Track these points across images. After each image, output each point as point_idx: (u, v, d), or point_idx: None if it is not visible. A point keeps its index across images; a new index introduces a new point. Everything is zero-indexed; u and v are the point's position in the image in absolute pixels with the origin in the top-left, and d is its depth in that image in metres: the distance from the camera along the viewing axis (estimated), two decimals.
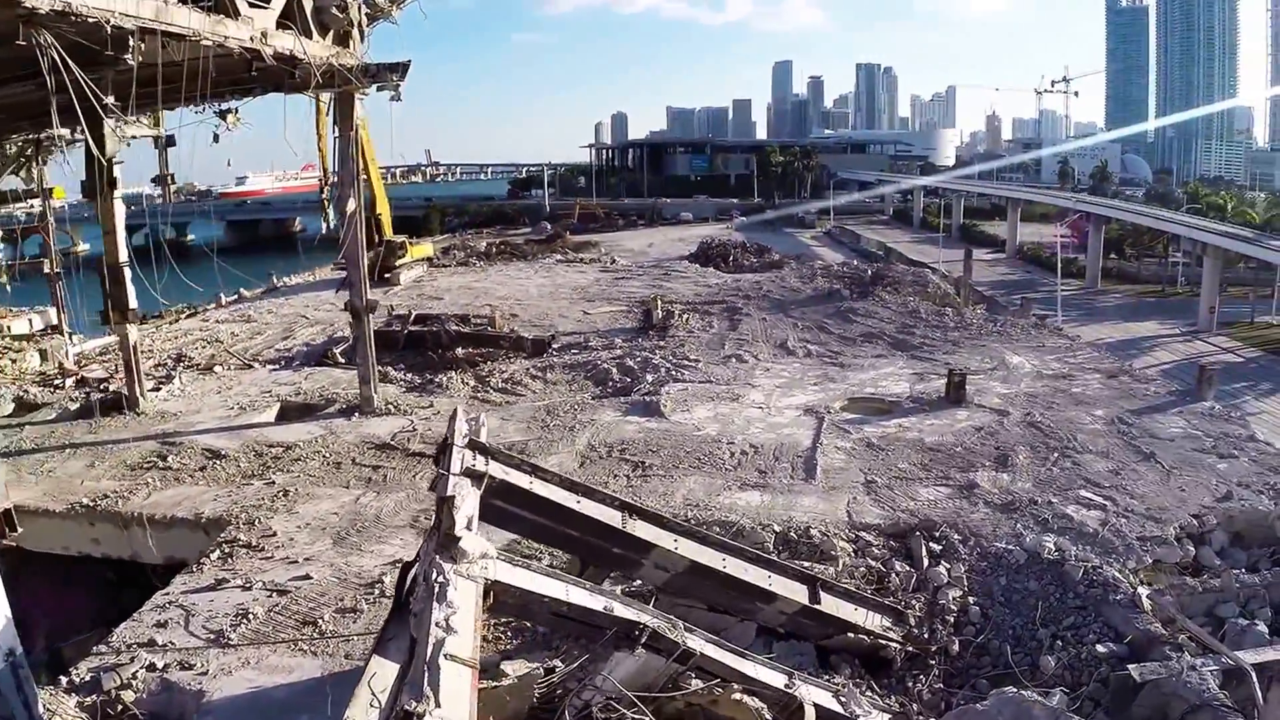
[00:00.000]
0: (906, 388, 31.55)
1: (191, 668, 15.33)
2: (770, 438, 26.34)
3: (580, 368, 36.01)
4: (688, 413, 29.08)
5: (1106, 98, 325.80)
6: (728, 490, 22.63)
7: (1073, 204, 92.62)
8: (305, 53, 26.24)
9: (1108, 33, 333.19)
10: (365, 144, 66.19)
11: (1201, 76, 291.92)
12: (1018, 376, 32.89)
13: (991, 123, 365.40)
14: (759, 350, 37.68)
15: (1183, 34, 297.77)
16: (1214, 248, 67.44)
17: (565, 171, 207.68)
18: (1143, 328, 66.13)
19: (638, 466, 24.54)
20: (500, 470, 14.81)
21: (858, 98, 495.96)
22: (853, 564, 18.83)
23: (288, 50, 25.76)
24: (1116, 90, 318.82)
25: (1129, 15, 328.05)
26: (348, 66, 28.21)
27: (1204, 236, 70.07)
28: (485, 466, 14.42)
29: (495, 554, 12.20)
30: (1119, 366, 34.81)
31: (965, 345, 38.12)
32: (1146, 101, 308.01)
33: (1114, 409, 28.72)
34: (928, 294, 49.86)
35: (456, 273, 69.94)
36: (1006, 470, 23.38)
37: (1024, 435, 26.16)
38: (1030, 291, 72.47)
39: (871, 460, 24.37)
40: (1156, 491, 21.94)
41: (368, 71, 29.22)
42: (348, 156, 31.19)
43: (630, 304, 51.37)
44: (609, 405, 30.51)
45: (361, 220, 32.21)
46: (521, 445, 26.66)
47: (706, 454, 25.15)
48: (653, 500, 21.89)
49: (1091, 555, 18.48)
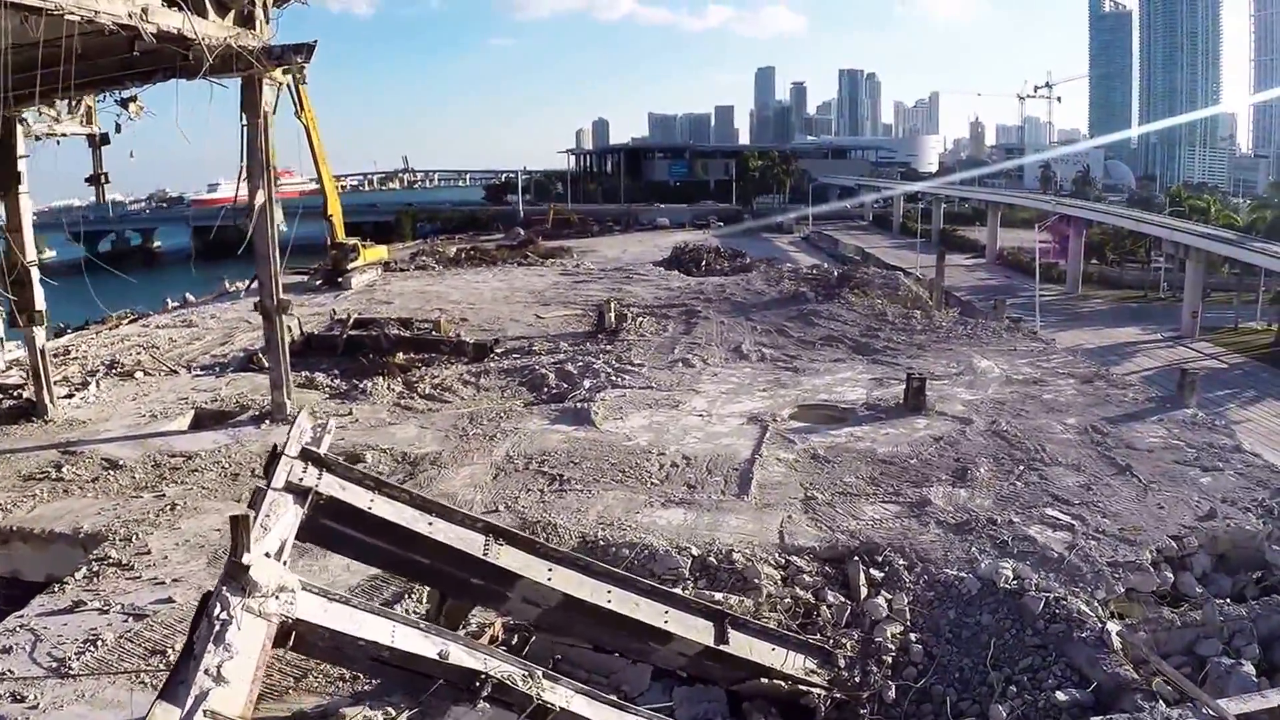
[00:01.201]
0: (863, 394, 29.06)
1: (24, 700, 13.48)
2: (706, 448, 23.80)
3: (517, 373, 33.54)
4: (620, 421, 26.56)
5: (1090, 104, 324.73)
6: (649, 507, 20.10)
7: (1053, 207, 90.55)
8: (195, 32, 23.76)
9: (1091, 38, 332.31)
10: (316, 143, 64.16)
11: (1185, 82, 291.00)
12: (985, 382, 30.45)
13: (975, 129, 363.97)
14: (710, 354, 35.20)
15: (1166, 40, 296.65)
16: (1196, 251, 65.38)
17: (542, 177, 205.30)
18: (1124, 333, 63.98)
19: (555, 480, 22.08)
20: (334, 485, 12.57)
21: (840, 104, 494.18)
22: (778, 594, 16.28)
23: (174, 29, 23.29)
24: (1100, 96, 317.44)
25: (1112, 21, 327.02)
26: (248, 48, 25.81)
27: (1186, 239, 68.02)
28: (316, 480, 12.13)
29: (299, 585, 9.81)
30: (1095, 371, 32.41)
31: (931, 349, 35.68)
32: (1130, 107, 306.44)
33: (1088, 417, 26.29)
34: (898, 297, 47.46)
35: (412, 277, 67.42)
36: (964, 485, 20.88)
37: (987, 446, 23.68)
38: (1009, 297, 70.23)
39: (814, 474, 21.83)
40: (1132, 509, 19.45)
41: (271, 54, 26.83)
42: (255, 147, 28.56)
43: (586, 308, 48.96)
44: (538, 413, 28.06)
45: (271, 215, 29.67)
46: (435, 456, 24.51)
47: (633, 466, 22.64)
48: (564, 518, 19.45)
49: (1055, 584, 15.99)
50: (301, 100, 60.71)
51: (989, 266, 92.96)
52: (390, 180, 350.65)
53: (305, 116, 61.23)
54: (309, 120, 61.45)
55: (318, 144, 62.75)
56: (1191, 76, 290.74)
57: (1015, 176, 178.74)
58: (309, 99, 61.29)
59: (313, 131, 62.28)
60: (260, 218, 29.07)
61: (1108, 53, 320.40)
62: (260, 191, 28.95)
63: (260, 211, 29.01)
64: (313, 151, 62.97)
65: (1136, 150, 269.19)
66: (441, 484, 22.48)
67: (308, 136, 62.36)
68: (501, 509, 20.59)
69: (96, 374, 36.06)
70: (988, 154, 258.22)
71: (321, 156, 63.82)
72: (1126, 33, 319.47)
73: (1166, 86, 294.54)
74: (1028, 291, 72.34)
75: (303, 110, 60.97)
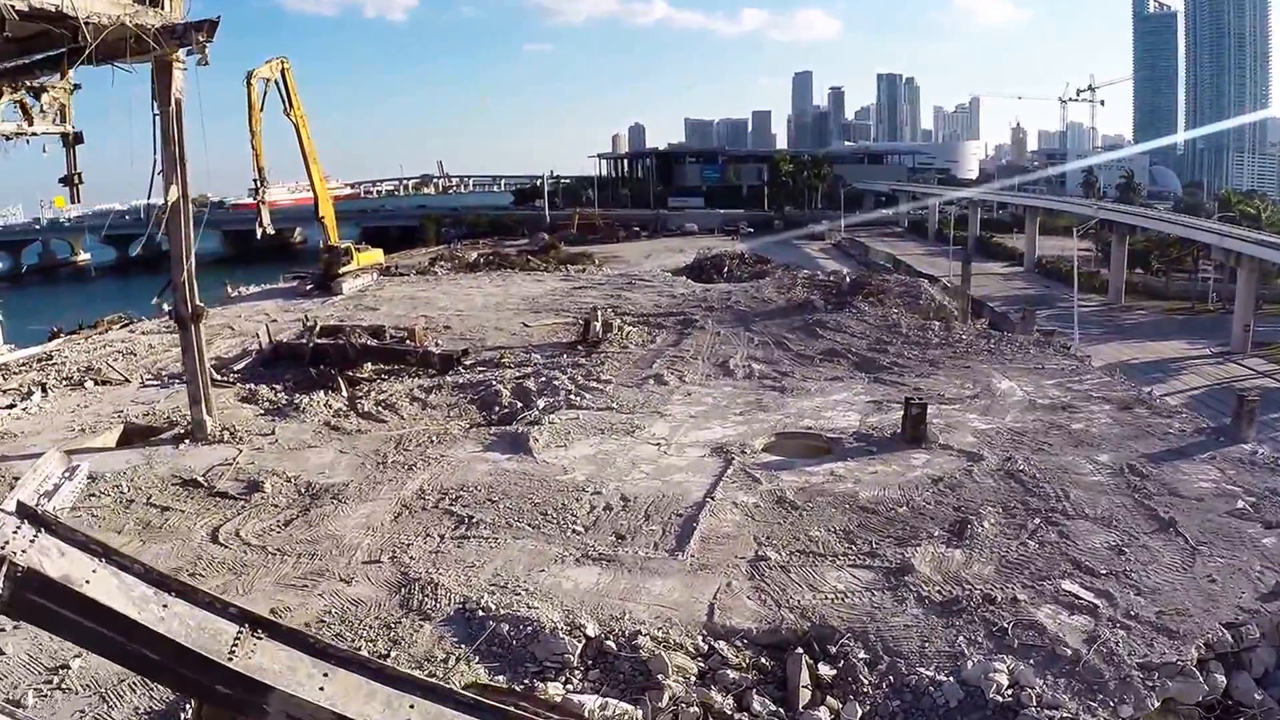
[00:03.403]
0: (855, 420, 24.81)
1: None
2: (651, 487, 19.78)
3: (471, 389, 29.76)
4: (563, 449, 22.66)
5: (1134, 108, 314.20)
6: (559, 564, 16.18)
7: (1095, 212, 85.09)
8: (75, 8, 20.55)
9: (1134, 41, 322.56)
10: (306, 142, 60.83)
11: (1232, 86, 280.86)
12: (1004, 406, 26.10)
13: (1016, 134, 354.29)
14: (691, 370, 31.12)
15: (1212, 42, 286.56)
16: (1249, 258, 59.94)
17: (574, 183, 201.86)
18: (1168, 348, 58.67)
19: (462, 522, 18.41)
20: (49, 551, 9.11)
21: (879, 109, 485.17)
22: (686, 698, 12.17)
23: (51, 5, 20.19)
24: (1144, 100, 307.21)
25: (1156, 22, 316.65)
26: (145, 27, 22.41)
27: (1238, 246, 62.48)
28: (27, 543, 8.62)
29: None
30: (1134, 395, 27.89)
31: (946, 366, 31.32)
32: (1175, 112, 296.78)
33: (1124, 453, 21.93)
34: (917, 306, 43.01)
35: (408, 282, 63.92)
36: (962, 545, 16.63)
37: (997, 490, 19.41)
38: (1048, 308, 65.52)
39: (774, 524, 17.69)
40: (1175, 582, 15.15)
41: (174, 33, 23.42)
42: (168, 137, 25.18)
43: (578, 316, 44.94)
44: (474, 437, 24.37)
45: (186, 213, 26.34)
46: (340, 488, 21.21)
47: (558, 508, 18.75)
48: (452, 575, 15.64)
49: (1064, 696, 11.76)
50: (291, 97, 57.49)
51: (1027, 275, 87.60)
52: (425, 185, 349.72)
53: (294, 114, 57.96)
54: (298, 118, 58.13)
55: (307, 143, 59.36)
56: (1239, 79, 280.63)
57: (1057, 182, 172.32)
58: (298, 96, 58.20)
59: (302, 130, 58.96)
60: (173, 216, 25.84)
61: (1152, 55, 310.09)
62: (174, 187, 25.67)
63: (173, 209, 25.74)
64: (302, 151, 59.64)
65: (1182, 156, 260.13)
66: (334, 523, 18.88)
67: (297, 135, 59.12)
68: (385, 560, 16.80)
69: (45, 383, 33.65)
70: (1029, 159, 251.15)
71: (312, 156, 60.41)
72: (1171, 35, 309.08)
73: (1213, 90, 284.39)
74: (1065, 302, 67.42)
75: (292, 108, 57.71)
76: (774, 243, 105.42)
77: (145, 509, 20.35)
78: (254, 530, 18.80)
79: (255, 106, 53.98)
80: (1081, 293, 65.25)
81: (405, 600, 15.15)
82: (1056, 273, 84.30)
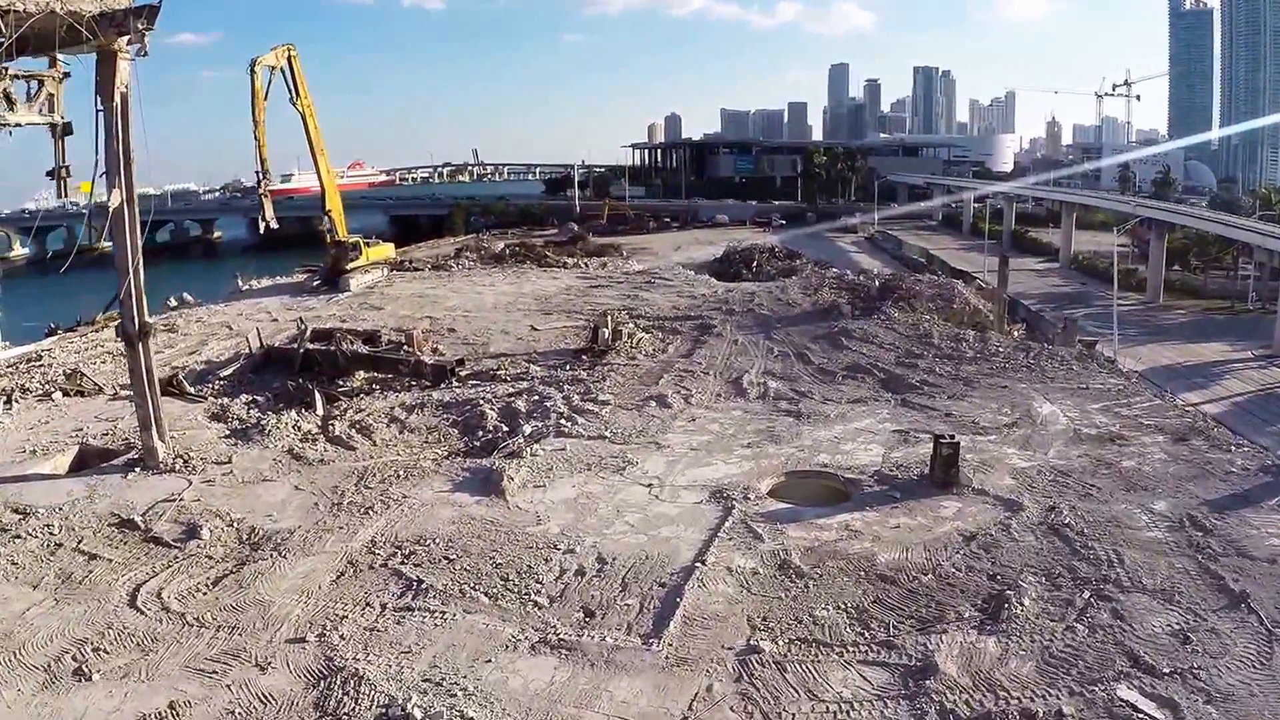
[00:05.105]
0: (879, 454, 21.97)
1: None
2: (635, 544, 17.08)
3: (457, 408, 27.32)
4: (541, 490, 20.07)
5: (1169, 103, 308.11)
6: (511, 651, 13.64)
7: (1132, 209, 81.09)
8: None
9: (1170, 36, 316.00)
10: (313, 132, 58.46)
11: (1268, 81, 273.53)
12: (1046, 437, 23.21)
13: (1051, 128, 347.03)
14: (699, 388, 28.44)
15: (1248, 37, 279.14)
16: None
17: (607, 172, 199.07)
18: (1209, 350, 54.81)
19: (410, 588, 15.96)
20: None
21: (915, 102, 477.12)
22: None
23: None
24: (1179, 96, 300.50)
25: (1192, 18, 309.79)
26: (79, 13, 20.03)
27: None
28: None
29: None
30: (1189, 423, 24.88)
31: (981, 385, 28.39)
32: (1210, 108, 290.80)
33: (1183, 499, 19.05)
34: (951, 311, 39.92)
35: (418, 278, 61.65)
36: (997, 630, 13.83)
37: (1040, 551, 16.59)
38: (1084, 306, 62.06)
39: (774, 598, 14.96)
40: (1251, 684, 12.34)
41: (112, 21, 20.94)
42: (111, 134, 22.81)
43: (589, 319, 42.37)
44: (445, 472, 21.92)
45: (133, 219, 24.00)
46: (285, 536, 18.94)
47: (523, 571, 16.16)
48: (380, 665, 13.52)
49: None
50: (298, 85, 55.14)
51: (1063, 271, 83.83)
52: (460, 173, 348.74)
53: (301, 103, 55.58)
54: (305, 107, 55.72)
55: (315, 133, 56.91)
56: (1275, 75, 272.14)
57: (1093, 177, 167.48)
58: (305, 85, 55.88)
59: (309, 119, 56.54)
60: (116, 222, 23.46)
61: (1188, 51, 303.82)
62: (116, 191, 23.28)
63: (115, 215, 23.38)
64: (309, 140, 57.28)
65: (1217, 152, 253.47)
66: (267, 583, 16.51)
67: (304, 124, 56.76)
68: (311, 638, 14.31)
69: (13, 395, 31.47)
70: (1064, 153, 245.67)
71: (319, 146, 58.04)
72: (1207, 30, 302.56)
73: (1249, 85, 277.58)
74: (1103, 300, 63.93)
75: (299, 97, 55.33)
76: (806, 236, 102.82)
77: (71, 556, 18.46)
78: (178, 590, 16.41)
79: (259, 95, 51.76)
80: (1119, 291, 61.75)
81: (322, 699, 12.67)
82: (1093, 269, 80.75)
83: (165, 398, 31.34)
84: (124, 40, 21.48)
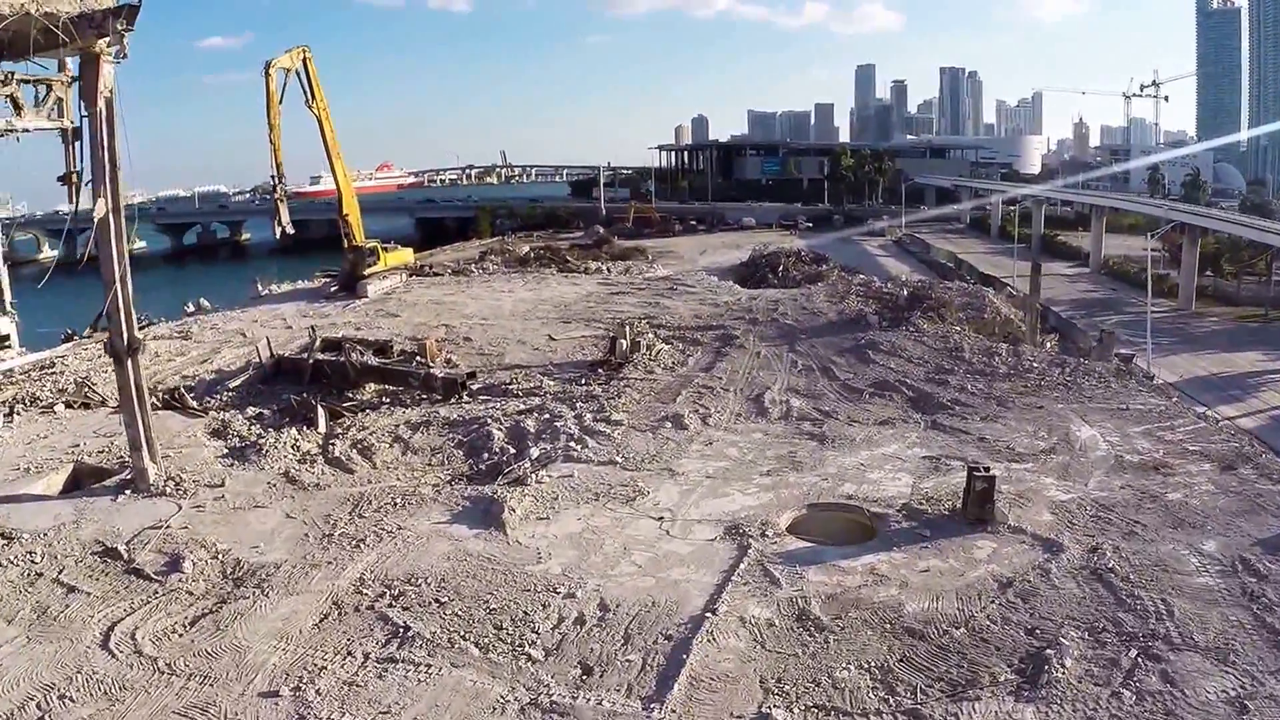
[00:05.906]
0: (908, 484, 20.59)
1: None
2: (640, 588, 15.79)
3: (464, 426, 26.15)
4: (544, 522, 18.84)
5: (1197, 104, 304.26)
6: (497, 714, 12.41)
7: (1164, 213, 79.02)
8: None
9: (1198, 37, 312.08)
10: (329, 135, 57.52)
11: None
12: (1086, 466, 21.75)
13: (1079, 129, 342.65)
14: (718, 406, 27.11)
15: (1276, 37, 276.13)
16: None
17: (634, 174, 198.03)
18: (1244, 359, 52.87)
19: (396, 635, 14.78)
20: None
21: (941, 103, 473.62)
22: None
23: None
24: (1207, 97, 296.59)
25: (1220, 18, 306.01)
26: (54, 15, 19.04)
27: None
28: None
29: None
30: (1236, 448, 23.29)
31: (1015, 405, 26.91)
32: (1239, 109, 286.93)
33: (1235, 538, 17.59)
34: (982, 322, 38.42)
35: (436, 284, 60.66)
36: (1034, 695, 12.47)
37: (1082, 600, 15.19)
38: (1115, 312, 60.43)
39: (791, 655, 13.62)
40: None
41: (91, 22, 19.96)
42: (96, 140, 21.80)
43: (609, 328, 41.24)
44: (444, 500, 20.66)
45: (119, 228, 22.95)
46: (270, 571, 17.86)
47: (518, 618, 14.93)
48: None
49: None
50: (313, 88, 54.23)
51: (1093, 276, 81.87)
52: (488, 175, 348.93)
53: (317, 106, 54.69)
54: (320, 110, 54.83)
55: (330, 136, 56.03)
56: None
57: (1121, 179, 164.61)
58: (320, 87, 54.96)
59: (325, 122, 55.65)
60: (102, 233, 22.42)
61: (1215, 51, 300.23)
62: (101, 201, 22.21)
63: (101, 225, 22.34)
64: (325, 144, 56.38)
65: (1245, 153, 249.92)
66: (246, 625, 15.46)
67: (320, 127, 55.88)
68: (285, 692, 13.23)
69: (15, 407, 30.77)
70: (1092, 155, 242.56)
71: (335, 149, 57.11)
72: (1235, 31, 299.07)
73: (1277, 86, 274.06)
74: (1134, 306, 62.18)
75: (314, 99, 54.45)
76: (833, 239, 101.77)
77: (50, 588, 17.55)
78: (153, 631, 15.35)
79: (274, 98, 51.02)
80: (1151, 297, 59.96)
81: None
82: (1124, 274, 78.87)
83: (167, 411, 30.80)
84: (104, 42, 20.45)
